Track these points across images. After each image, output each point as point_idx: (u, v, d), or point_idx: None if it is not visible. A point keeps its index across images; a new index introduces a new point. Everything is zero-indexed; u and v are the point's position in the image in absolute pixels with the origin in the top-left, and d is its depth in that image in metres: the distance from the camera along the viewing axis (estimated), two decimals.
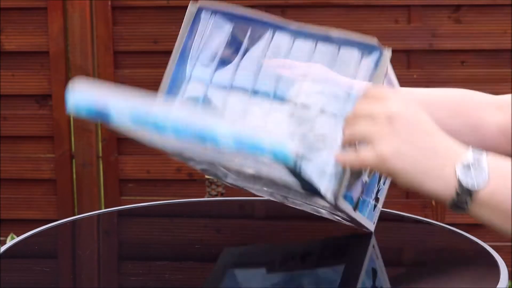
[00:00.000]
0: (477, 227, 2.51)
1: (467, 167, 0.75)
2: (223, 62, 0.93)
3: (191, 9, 0.91)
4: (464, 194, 0.75)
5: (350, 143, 0.80)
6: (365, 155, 0.77)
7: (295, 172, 0.74)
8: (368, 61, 0.88)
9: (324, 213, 0.97)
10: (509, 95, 1.04)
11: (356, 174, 0.87)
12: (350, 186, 0.87)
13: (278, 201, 1.01)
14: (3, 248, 1.09)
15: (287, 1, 2.46)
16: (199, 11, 0.92)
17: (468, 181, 0.74)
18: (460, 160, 0.75)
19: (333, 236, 1.13)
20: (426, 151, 0.76)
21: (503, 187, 0.75)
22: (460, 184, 0.75)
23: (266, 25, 0.91)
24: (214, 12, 0.92)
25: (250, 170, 0.83)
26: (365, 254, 1.05)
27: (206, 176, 2.04)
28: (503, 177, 0.75)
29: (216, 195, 2.17)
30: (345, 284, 0.95)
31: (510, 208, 0.75)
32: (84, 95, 0.76)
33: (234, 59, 0.92)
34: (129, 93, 0.76)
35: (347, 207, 0.88)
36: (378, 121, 0.76)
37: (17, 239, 1.14)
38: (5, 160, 2.60)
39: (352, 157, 0.79)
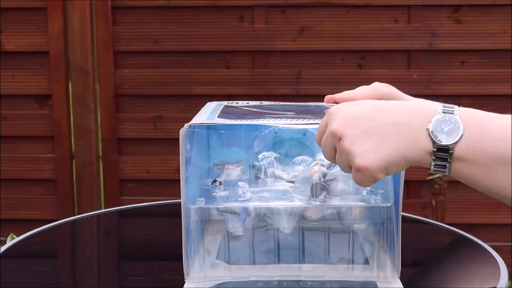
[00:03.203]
0: (477, 227, 2.53)
1: (439, 125, 0.74)
2: None
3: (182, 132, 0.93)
4: (442, 152, 0.74)
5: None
6: (353, 176, 0.79)
7: None
8: None
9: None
10: None
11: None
12: None
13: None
14: (3, 248, 1.09)
15: (287, 1, 2.46)
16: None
17: (443, 137, 0.74)
18: (431, 120, 0.75)
19: None
20: (387, 131, 0.76)
21: (479, 139, 0.74)
22: (435, 143, 0.74)
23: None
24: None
25: None
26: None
27: None
28: (477, 130, 0.74)
29: None
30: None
31: (487, 161, 0.73)
32: None
33: None
34: None
35: None
36: (335, 144, 0.79)
37: (17, 239, 1.14)
38: (5, 160, 2.60)
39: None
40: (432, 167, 0.75)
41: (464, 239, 1.15)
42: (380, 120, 0.76)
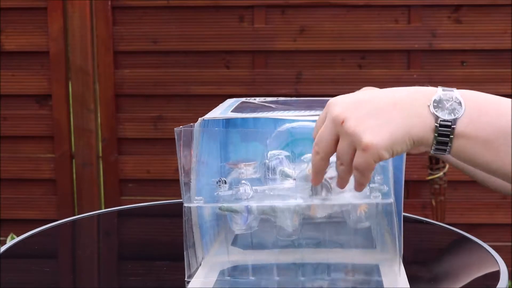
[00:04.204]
0: (477, 227, 2.53)
1: (440, 102, 0.76)
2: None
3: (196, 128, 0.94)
4: (445, 127, 0.75)
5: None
6: (358, 159, 0.78)
7: None
8: None
9: None
10: None
11: None
12: None
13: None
14: (3, 248, 1.09)
15: (287, 1, 2.46)
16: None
17: (445, 113, 0.75)
18: (432, 98, 0.76)
19: None
20: (391, 110, 0.77)
21: (479, 115, 0.75)
22: (438, 118, 0.75)
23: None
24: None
25: None
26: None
27: None
28: (477, 106, 0.76)
29: None
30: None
31: (489, 135, 0.75)
32: None
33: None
34: None
35: None
36: (340, 132, 0.78)
37: (17, 239, 1.14)
38: (5, 160, 2.60)
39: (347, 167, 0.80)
40: (433, 145, 0.76)
41: (464, 239, 1.15)
42: (383, 101, 0.77)
